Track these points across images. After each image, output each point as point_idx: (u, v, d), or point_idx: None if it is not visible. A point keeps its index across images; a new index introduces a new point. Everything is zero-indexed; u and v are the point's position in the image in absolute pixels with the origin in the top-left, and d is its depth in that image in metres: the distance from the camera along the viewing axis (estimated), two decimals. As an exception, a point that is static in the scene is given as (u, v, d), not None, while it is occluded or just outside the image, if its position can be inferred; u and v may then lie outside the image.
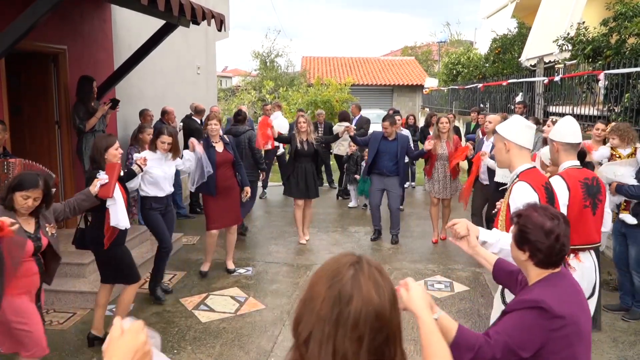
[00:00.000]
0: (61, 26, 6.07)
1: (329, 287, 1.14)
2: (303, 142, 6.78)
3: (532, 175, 2.80)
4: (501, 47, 14.39)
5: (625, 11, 7.88)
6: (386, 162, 6.95)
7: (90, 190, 3.80)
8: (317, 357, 1.09)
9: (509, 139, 2.84)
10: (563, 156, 3.28)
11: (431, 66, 33.43)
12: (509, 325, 1.88)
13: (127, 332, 1.16)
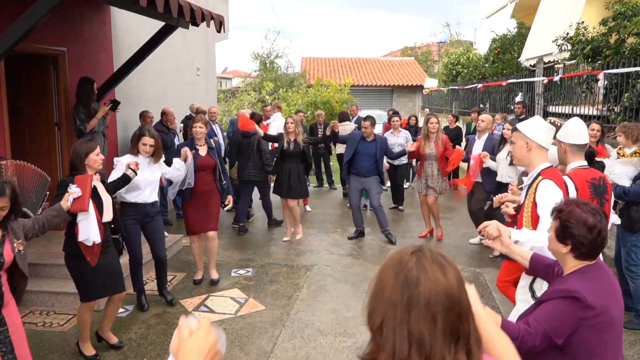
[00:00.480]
0: (61, 28, 6.08)
1: (395, 275, 1.19)
2: (290, 143, 6.94)
3: (554, 173, 2.90)
4: (501, 47, 14.41)
5: (624, 11, 7.90)
6: (364, 162, 7.00)
7: (62, 206, 3.51)
8: (392, 342, 1.13)
9: (531, 138, 2.92)
10: (570, 157, 3.29)
11: (431, 66, 33.44)
12: (545, 313, 1.97)
13: (197, 332, 1.16)
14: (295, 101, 17.32)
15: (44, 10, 4.30)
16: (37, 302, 5.01)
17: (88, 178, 3.70)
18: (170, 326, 4.65)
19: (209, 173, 5.53)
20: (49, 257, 5.37)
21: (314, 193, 10.16)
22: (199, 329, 1.17)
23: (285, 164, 7.03)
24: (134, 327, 4.63)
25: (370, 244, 7.22)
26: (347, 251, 6.88)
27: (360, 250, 6.94)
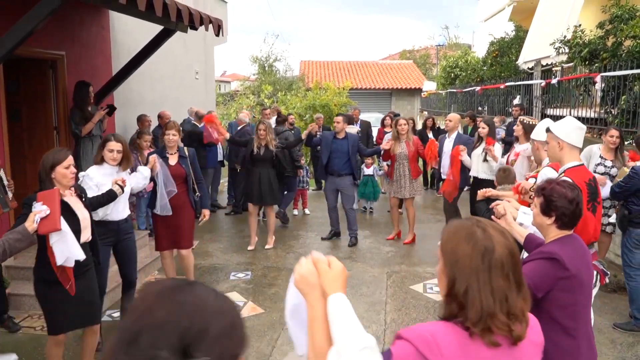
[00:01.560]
0: (59, 32, 6.09)
1: (472, 245, 1.40)
2: (260, 147, 6.72)
3: (577, 172, 3.11)
4: (499, 50, 14.46)
5: (621, 14, 7.94)
6: (338, 161, 6.99)
7: (27, 228, 2.95)
8: (479, 301, 1.35)
9: (562, 139, 3.16)
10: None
11: (429, 69, 33.53)
12: (529, 271, 2.19)
13: (333, 263, 1.36)
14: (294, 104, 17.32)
15: (42, 14, 4.31)
16: (35, 306, 4.97)
17: (54, 193, 3.15)
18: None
19: (181, 184, 5.06)
20: (48, 261, 5.36)
21: (313, 196, 10.16)
22: (332, 260, 1.37)
23: (255, 168, 6.80)
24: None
25: (368, 246, 7.23)
26: (346, 254, 6.88)
27: (358, 253, 6.95)
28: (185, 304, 0.85)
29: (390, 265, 6.41)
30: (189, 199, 5.13)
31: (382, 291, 5.59)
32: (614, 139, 5.25)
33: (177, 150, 5.13)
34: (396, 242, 7.36)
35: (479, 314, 1.34)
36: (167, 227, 5.06)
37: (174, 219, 5.03)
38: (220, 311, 0.88)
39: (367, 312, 5.02)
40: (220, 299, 0.90)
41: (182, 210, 5.08)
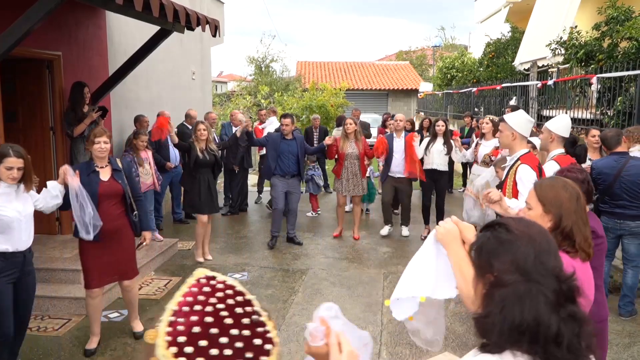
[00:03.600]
0: (56, 32, 6.08)
1: (570, 193, 2.02)
2: (203, 151, 6.27)
3: (529, 158, 3.63)
4: (495, 52, 14.50)
5: (616, 15, 7.97)
6: (288, 162, 6.93)
7: None
8: (582, 231, 2.02)
9: (516, 130, 3.66)
10: (555, 145, 3.96)
11: (426, 70, 33.59)
12: None
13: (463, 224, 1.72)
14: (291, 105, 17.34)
15: (39, 15, 4.31)
16: (31, 307, 4.99)
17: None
18: (166, 330, 4.64)
19: (117, 204, 4.17)
20: (44, 262, 5.35)
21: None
22: (459, 221, 1.74)
23: (200, 175, 6.29)
24: (129, 332, 4.62)
25: (365, 247, 7.23)
26: (343, 255, 6.89)
27: (355, 253, 6.95)
28: None
29: (386, 266, 6.41)
30: (129, 220, 4.27)
31: (379, 292, 5.60)
32: (595, 139, 5.44)
33: (109, 162, 4.21)
34: (393, 243, 7.37)
35: (582, 239, 2.01)
36: (101, 258, 4.09)
37: (111, 247, 4.12)
38: None
39: (363, 313, 5.03)
40: None
41: (120, 235, 4.19)
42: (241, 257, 6.78)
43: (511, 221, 1.37)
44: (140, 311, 5.03)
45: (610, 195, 4.81)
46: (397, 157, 7.27)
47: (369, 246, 7.28)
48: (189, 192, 6.39)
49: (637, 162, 4.75)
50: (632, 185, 4.68)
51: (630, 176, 4.68)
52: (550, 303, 1.18)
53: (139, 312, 5.01)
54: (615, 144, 4.85)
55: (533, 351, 1.17)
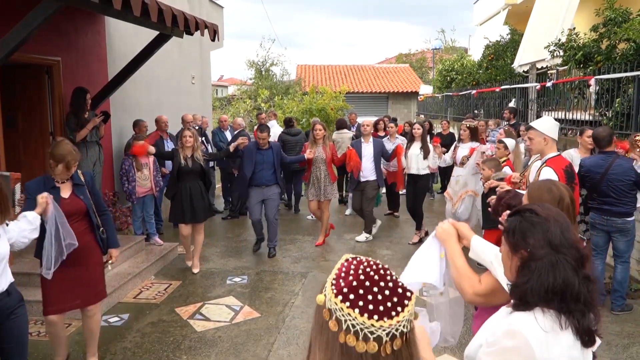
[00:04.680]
0: (55, 38, 6.11)
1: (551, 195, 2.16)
2: (187, 159, 6.10)
3: (556, 161, 3.76)
4: (494, 54, 14.53)
5: (614, 17, 7.99)
6: (265, 172, 6.73)
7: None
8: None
9: (548, 135, 3.84)
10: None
11: (426, 73, 33.62)
12: None
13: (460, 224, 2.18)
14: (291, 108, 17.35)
15: (37, 21, 4.34)
16: (31, 311, 4.96)
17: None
18: (165, 334, 4.65)
19: (80, 220, 3.79)
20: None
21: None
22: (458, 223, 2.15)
23: (184, 183, 6.11)
24: (129, 336, 4.63)
25: (365, 250, 7.24)
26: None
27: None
28: None
29: (386, 269, 6.41)
30: (95, 238, 3.89)
31: (379, 295, 5.59)
32: (590, 140, 5.47)
33: (70, 176, 3.81)
34: (393, 245, 7.38)
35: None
36: (64, 281, 3.66)
37: (74, 268, 3.69)
38: None
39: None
40: None
41: (86, 255, 3.79)
42: (241, 261, 6.78)
43: (536, 207, 1.68)
44: (140, 315, 5.06)
45: (597, 192, 4.97)
46: (365, 162, 7.30)
47: (369, 249, 7.28)
48: (172, 201, 6.21)
49: (623, 162, 4.94)
50: (617, 183, 4.86)
51: (616, 174, 4.87)
52: (573, 269, 1.54)
53: (139, 315, 5.04)
54: (606, 145, 5.01)
55: (560, 307, 1.52)
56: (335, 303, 0.98)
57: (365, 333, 0.94)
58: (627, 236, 4.96)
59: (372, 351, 0.94)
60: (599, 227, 5.03)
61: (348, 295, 0.98)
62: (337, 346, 0.97)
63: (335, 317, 0.97)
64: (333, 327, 0.97)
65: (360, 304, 0.96)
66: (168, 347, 4.43)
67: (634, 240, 5.10)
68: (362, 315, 0.95)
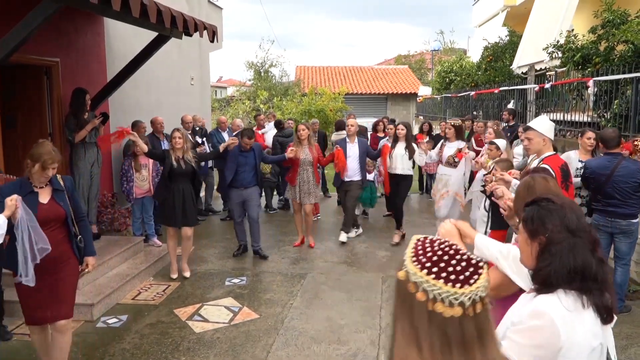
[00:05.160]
0: (54, 39, 6.11)
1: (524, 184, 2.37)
2: (179, 160, 5.95)
3: (553, 160, 3.88)
4: (493, 55, 14.54)
5: (612, 19, 8.00)
6: (246, 174, 6.68)
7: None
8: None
9: (547, 135, 4.03)
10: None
11: (425, 74, 33.65)
12: None
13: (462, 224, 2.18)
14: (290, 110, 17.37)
15: (36, 22, 4.34)
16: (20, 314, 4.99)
17: None
18: (164, 336, 4.65)
19: (58, 228, 3.60)
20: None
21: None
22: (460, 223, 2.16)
23: (176, 185, 5.94)
24: (128, 337, 4.63)
25: (364, 251, 7.24)
26: (341, 259, 6.90)
27: (354, 257, 6.96)
28: None
29: (385, 270, 6.42)
30: (71, 246, 3.69)
31: (377, 296, 5.60)
32: (591, 141, 5.47)
33: (49, 180, 3.61)
34: (392, 247, 7.38)
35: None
36: (39, 291, 3.48)
37: (50, 279, 3.54)
38: None
39: (362, 317, 5.03)
40: None
41: (62, 264, 3.62)
42: (240, 262, 6.78)
43: (551, 196, 1.84)
44: (139, 317, 5.06)
45: (602, 194, 4.96)
46: (350, 162, 7.28)
47: (368, 250, 7.29)
48: (162, 203, 6.05)
49: (629, 163, 4.93)
50: (623, 185, 4.85)
51: (622, 176, 4.85)
52: (590, 251, 1.68)
53: (138, 317, 5.04)
54: (615, 146, 4.99)
55: (581, 287, 1.65)
56: (421, 277, 1.10)
57: (450, 300, 1.08)
58: (630, 238, 4.96)
59: (457, 315, 1.08)
60: (602, 229, 5.00)
61: (432, 269, 1.10)
62: (424, 315, 1.09)
63: (422, 289, 1.09)
64: (421, 297, 1.09)
65: (443, 275, 1.09)
66: (167, 348, 4.42)
67: (635, 242, 5.10)
68: (447, 284, 1.08)
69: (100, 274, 5.65)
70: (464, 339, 1.09)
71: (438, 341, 1.09)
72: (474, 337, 1.10)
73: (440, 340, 1.08)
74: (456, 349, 1.09)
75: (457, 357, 1.09)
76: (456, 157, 6.87)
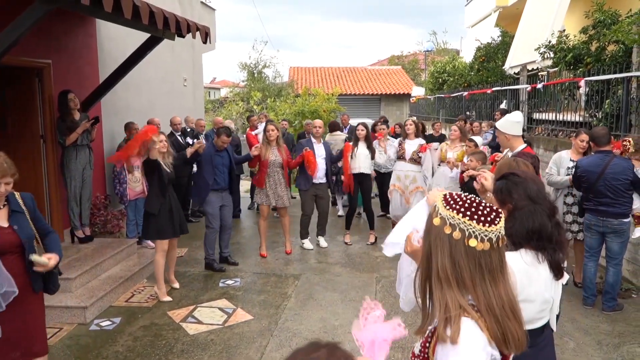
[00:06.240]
0: (45, 41, 6.08)
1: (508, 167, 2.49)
2: (169, 165, 5.53)
3: (525, 154, 4.14)
4: (485, 56, 14.59)
5: (603, 19, 8.05)
6: (224, 175, 6.41)
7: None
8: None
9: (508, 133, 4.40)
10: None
11: (418, 75, 33.71)
12: None
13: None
14: (283, 111, 17.35)
15: (27, 24, 4.32)
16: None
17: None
18: (158, 338, 4.63)
19: (17, 257, 3.03)
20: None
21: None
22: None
23: (167, 192, 5.48)
24: (121, 340, 4.61)
25: (358, 252, 7.25)
26: (335, 260, 6.90)
27: (348, 258, 6.96)
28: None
29: (379, 270, 6.43)
30: (28, 277, 3.07)
31: (371, 296, 5.59)
32: (584, 144, 5.51)
33: (7, 201, 3.07)
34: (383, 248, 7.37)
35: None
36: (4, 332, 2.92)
37: (13, 314, 2.95)
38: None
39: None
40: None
41: (24, 297, 3.01)
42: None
43: (517, 171, 2.23)
44: (132, 319, 5.04)
45: (594, 192, 4.96)
46: (319, 163, 7.13)
47: (362, 251, 7.29)
48: (156, 215, 5.37)
49: (620, 161, 4.94)
50: (615, 182, 4.85)
51: (613, 174, 4.85)
52: (547, 216, 2.02)
53: (131, 319, 5.02)
54: (606, 143, 5.01)
55: (537, 245, 2.01)
56: (458, 218, 1.39)
57: (481, 236, 1.37)
58: (621, 237, 4.97)
59: (487, 248, 1.37)
60: (594, 229, 5.03)
61: (466, 212, 1.39)
62: (461, 249, 1.38)
63: (458, 229, 1.38)
64: (457, 236, 1.38)
65: (475, 217, 1.38)
66: (160, 350, 4.41)
67: (627, 242, 5.12)
68: (478, 224, 1.37)
69: (94, 276, 5.62)
70: (492, 268, 1.38)
71: (475, 271, 1.37)
72: (499, 265, 1.40)
73: (476, 270, 1.37)
74: (488, 276, 1.38)
75: (489, 282, 1.38)
76: (420, 151, 7.10)
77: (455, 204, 1.42)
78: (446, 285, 1.39)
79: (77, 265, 5.53)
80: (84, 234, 6.35)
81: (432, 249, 1.43)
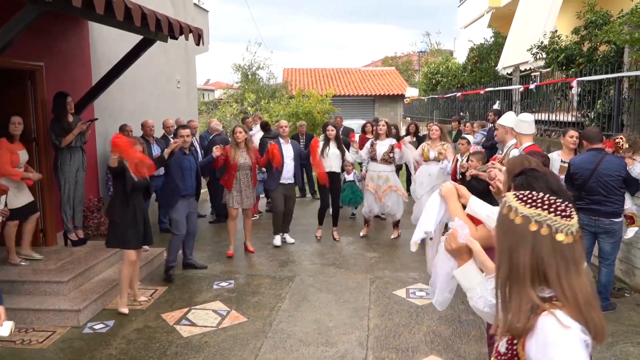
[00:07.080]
0: (38, 43, 6.05)
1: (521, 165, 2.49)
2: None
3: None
4: (478, 56, 14.65)
5: (595, 20, 8.10)
6: (191, 180, 6.17)
7: None
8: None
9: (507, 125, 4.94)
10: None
11: (411, 76, 33.81)
12: None
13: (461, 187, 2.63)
14: (277, 112, 17.36)
15: (19, 26, 4.30)
16: (15, 319, 4.89)
17: None
18: (151, 340, 4.61)
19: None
20: (28, 274, 5.31)
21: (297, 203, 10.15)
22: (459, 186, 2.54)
23: (134, 201, 5.17)
24: (114, 343, 4.59)
25: (352, 253, 7.25)
26: (329, 261, 6.90)
27: (342, 259, 6.97)
28: None
29: (373, 271, 6.43)
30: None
31: (365, 297, 5.61)
32: (573, 139, 5.55)
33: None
34: (380, 247, 7.39)
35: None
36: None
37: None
38: None
39: (350, 318, 5.03)
40: None
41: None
42: (228, 265, 6.76)
43: (535, 167, 2.32)
44: (125, 321, 5.02)
45: (586, 190, 4.97)
46: (287, 163, 7.19)
47: (356, 252, 7.29)
48: (118, 223, 5.13)
49: (613, 158, 4.98)
50: (607, 179, 4.88)
51: (606, 170, 4.89)
52: None
53: (124, 322, 5.00)
54: (598, 141, 5.06)
55: None
56: (545, 215, 1.44)
57: (566, 230, 1.43)
58: (613, 237, 4.98)
59: (571, 241, 1.43)
60: (586, 229, 5.02)
61: (549, 209, 1.45)
62: (548, 244, 1.42)
63: (545, 225, 1.42)
64: (545, 232, 1.42)
65: (558, 213, 1.44)
66: (154, 353, 4.39)
67: (620, 242, 5.14)
68: (562, 219, 1.44)
69: (87, 279, 5.60)
70: (575, 259, 1.44)
71: (561, 264, 1.41)
72: (581, 256, 1.47)
73: (562, 263, 1.41)
74: (572, 267, 1.42)
75: (574, 274, 1.42)
76: (396, 147, 7.37)
77: (534, 202, 1.48)
78: (529, 282, 1.43)
79: (70, 268, 5.50)
80: (77, 237, 6.33)
81: (513, 247, 1.45)
